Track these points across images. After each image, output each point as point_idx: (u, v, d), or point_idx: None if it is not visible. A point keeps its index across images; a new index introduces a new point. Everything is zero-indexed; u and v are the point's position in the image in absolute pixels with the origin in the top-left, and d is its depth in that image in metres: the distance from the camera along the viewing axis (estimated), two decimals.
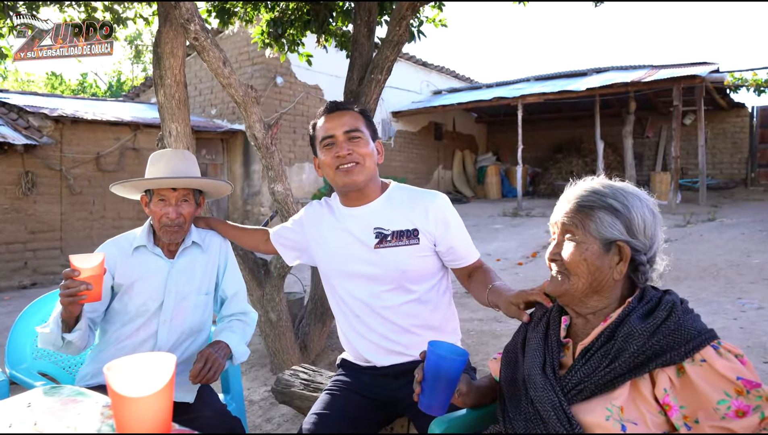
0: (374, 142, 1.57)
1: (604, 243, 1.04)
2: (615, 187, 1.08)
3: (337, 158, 1.50)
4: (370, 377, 1.59)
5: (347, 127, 1.52)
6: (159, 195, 1.66)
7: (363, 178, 1.52)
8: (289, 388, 1.78)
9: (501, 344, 3.67)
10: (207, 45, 2.18)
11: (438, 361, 1.06)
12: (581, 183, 1.13)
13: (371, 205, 1.56)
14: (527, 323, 1.22)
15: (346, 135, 1.51)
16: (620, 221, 1.04)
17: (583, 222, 1.05)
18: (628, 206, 1.04)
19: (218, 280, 1.80)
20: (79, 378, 1.65)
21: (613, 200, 1.05)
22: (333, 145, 1.52)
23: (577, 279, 1.05)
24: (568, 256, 1.05)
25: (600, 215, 1.04)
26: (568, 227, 1.07)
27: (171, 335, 1.67)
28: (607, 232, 1.03)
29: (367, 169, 1.53)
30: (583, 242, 1.04)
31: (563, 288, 1.07)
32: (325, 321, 3.42)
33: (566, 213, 1.08)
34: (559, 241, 1.09)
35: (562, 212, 1.09)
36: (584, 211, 1.05)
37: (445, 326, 1.61)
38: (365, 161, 1.52)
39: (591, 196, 1.06)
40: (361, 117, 1.57)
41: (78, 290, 1.31)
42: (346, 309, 1.60)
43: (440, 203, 1.53)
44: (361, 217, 1.55)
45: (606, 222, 1.03)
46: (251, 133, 2.47)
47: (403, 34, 3.09)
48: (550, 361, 1.07)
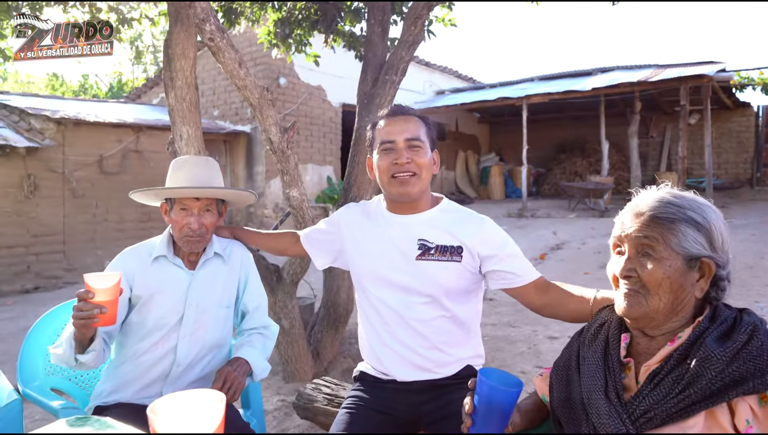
0: (432, 153, 1.51)
1: (688, 259, 0.96)
2: (689, 199, 1.00)
3: (394, 165, 1.45)
4: (391, 392, 1.53)
5: (409, 134, 1.47)
6: (181, 204, 1.58)
7: (417, 189, 1.47)
8: (311, 403, 1.70)
9: (516, 350, 3.59)
10: (223, 46, 2.11)
11: (491, 392, 0.98)
12: (648, 193, 1.04)
13: (419, 216, 1.51)
14: (579, 338, 1.14)
15: (407, 142, 1.46)
16: (702, 235, 0.96)
17: (663, 236, 0.97)
18: (707, 219, 0.97)
19: (239, 292, 1.73)
20: (95, 395, 1.57)
21: (693, 213, 0.97)
22: (392, 151, 1.47)
23: (657, 299, 0.97)
24: (649, 274, 0.97)
25: (682, 229, 0.96)
26: (644, 241, 0.98)
27: (191, 350, 1.59)
28: (692, 248, 0.96)
29: (423, 181, 1.48)
30: (666, 259, 0.96)
31: (643, 309, 0.98)
32: (338, 327, 3.34)
33: (641, 226, 0.99)
34: (631, 256, 1.01)
35: (634, 225, 1.01)
36: (664, 224, 0.97)
37: (473, 349, 1.56)
38: (422, 172, 1.47)
39: (669, 207, 0.98)
40: (423, 125, 1.51)
41: (91, 314, 1.24)
42: (374, 316, 1.54)
43: (491, 224, 1.51)
44: (407, 225, 1.50)
45: (690, 236, 0.96)
46: (266, 136, 2.39)
47: (419, 33, 3.02)
48: (613, 384, 0.99)
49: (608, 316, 1.13)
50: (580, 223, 8.85)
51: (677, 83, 9.56)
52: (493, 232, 1.48)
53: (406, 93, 12.78)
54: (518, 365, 3.31)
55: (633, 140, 11.31)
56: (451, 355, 1.50)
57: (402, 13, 4.05)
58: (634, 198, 1.05)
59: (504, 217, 10.15)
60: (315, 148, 10.47)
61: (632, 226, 1.01)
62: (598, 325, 1.13)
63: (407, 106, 1.57)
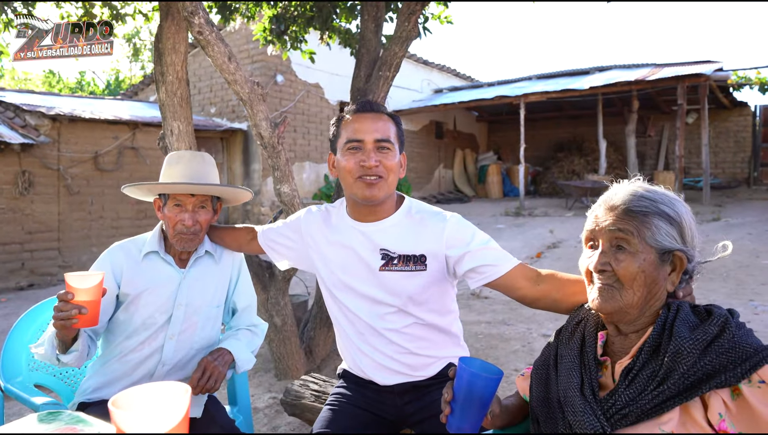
0: (400, 155, 1.42)
1: (661, 253, 0.95)
2: (661, 193, 1.00)
3: (361, 167, 1.36)
4: (374, 392, 1.50)
5: (379, 134, 1.37)
6: (175, 200, 1.54)
7: (383, 193, 1.38)
8: (299, 400, 1.69)
9: (510, 348, 3.58)
10: (212, 39, 2.09)
11: (471, 379, 0.97)
12: (621, 187, 1.04)
13: (381, 224, 1.42)
14: (558, 337, 1.13)
15: (376, 143, 1.37)
16: (675, 229, 0.96)
17: (638, 229, 0.96)
18: (678, 213, 0.97)
19: (229, 292, 1.70)
20: (80, 391, 1.55)
21: (665, 207, 0.97)
22: (359, 151, 1.37)
23: (631, 293, 0.96)
24: (624, 268, 0.96)
25: (656, 223, 0.96)
26: (618, 235, 0.97)
27: (178, 351, 1.57)
28: (666, 241, 0.95)
29: (390, 185, 1.39)
30: (640, 252, 0.95)
31: (618, 304, 0.97)
32: (331, 325, 3.33)
33: (615, 219, 0.98)
34: (605, 249, 1.00)
35: (608, 219, 0.99)
36: (638, 217, 0.96)
37: (453, 348, 1.52)
38: (389, 176, 1.38)
39: (642, 201, 0.97)
40: (393, 125, 1.43)
41: (70, 315, 1.20)
42: (347, 323, 1.49)
43: (455, 222, 1.39)
44: (368, 234, 1.42)
45: (663, 230, 0.95)
46: (257, 131, 2.37)
47: (412, 29, 3.00)
48: (589, 382, 0.98)
49: (585, 314, 1.12)
50: (577, 222, 8.84)
51: (674, 82, 9.56)
52: (457, 230, 1.38)
53: (404, 91, 12.76)
54: (512, 363, 3.29)
55: (630, 139, 11.31)
56: (429, 357, 1.47)
57: (396, 10, 4.03)
58: (607, 192, 1.04)
59: (501, 215, 10.14)
60: (312, 146, 10.44)
61: (606, 220, 1.00)
62: (575, 322, 1.12)
63: (377, 102, 1.48)
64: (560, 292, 1.28)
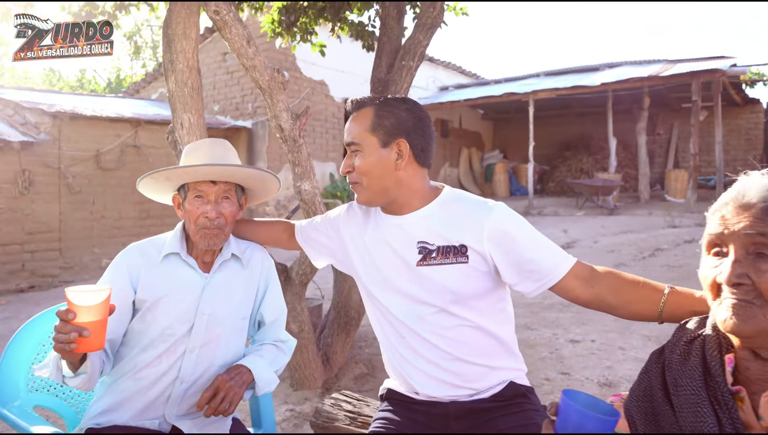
0: (388, 146, 1.28)
1: None
2: None
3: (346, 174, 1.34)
4: (425, 416, 1.32)
5: (349, 137, 1.31)
6: (196, 191, 1.37)
7: (364, 197, 1.31)
8: (332, 422, 1.51)
9: (537, 355, 3.39)
10: (229, 20, 1.90)
11: (582, 421, 0.77)
12: (752, 180, 0.84)
13: (415, 215, 1.30)
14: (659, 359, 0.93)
15: (349, 147, 1.31)
16: None
17: None
18: None
19: (256, 302, 1.52)
20: (88, 416, 1.36)
21: None
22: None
23: None
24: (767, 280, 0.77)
25: None
26: (758, 239, 0.77)
27: (198, 367, 1.38)
28: None
29: (369, 189, 1.29)
30: None
31: (760, 325, 0.77)
32: (349, 331, 3.14)
33: (753, 221, 0.79)
34: (739, 258, 0.80)
35: (742, 220, 0.80)
36: None
37: (509, 359, 1.34)
38: (363, 180, 1.29)
39: None
40: (368, 118, 1.29)
41: (69, 339, 1.02)
42: (388, 327, 1.34)
43: (500, 213, 1.24)
44: (403, 227, 1.30)
45: None
46: (277, 123, 2.18)
47: (438, 15, 2.81)
48: (730, 422, 0.79)
49: (697, 330, 0.92)
50: (589, 221, 8.65)
51: (689, 78, 9.36)
52: (501, 222, 1.23)
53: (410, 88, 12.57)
54: (541, 371, 3.10)
55: (641, 137, 11.11)
56: (481, 366, 1.29)
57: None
58: (733, 187, 0.85)
59: None
60: (317, 144, 10.26)
61: (740, 222, 0.80)
62: (685, 341, 0.92)
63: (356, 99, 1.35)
64: (617, 297, 1.17)
